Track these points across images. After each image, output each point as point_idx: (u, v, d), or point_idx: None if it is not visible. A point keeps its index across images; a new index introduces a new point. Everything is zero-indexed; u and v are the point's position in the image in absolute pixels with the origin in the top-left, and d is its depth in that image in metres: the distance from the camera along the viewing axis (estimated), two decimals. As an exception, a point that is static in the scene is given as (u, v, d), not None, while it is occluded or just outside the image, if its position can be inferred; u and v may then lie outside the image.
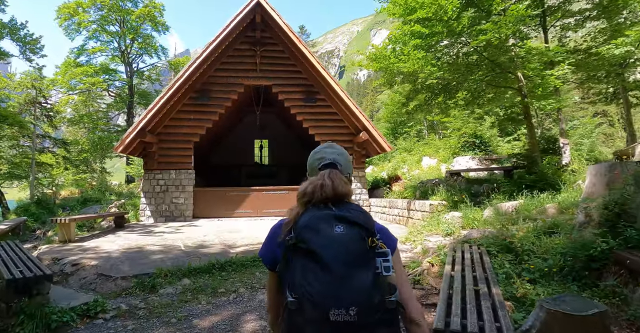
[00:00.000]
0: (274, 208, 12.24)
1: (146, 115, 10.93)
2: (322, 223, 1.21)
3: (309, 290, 1.12)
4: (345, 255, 1.15)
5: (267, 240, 1.46)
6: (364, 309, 1.11)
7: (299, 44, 11.81)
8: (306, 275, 1.14)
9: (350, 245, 1.17)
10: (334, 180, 1.36)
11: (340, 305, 1.10)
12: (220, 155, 19.25)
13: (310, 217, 1.24)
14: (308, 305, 1.11)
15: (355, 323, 1.10)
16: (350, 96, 12.49)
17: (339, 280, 1.12)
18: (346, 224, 1.21)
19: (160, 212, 11.76)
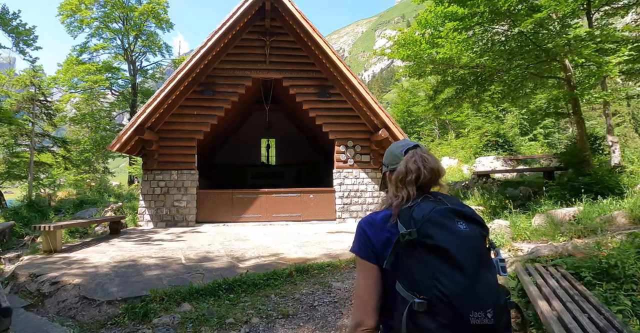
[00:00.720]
0: (285, 213, 11.20)
1: (145, 110, 9.92)
2: (443, 218, 1.15)
3: (443, 291, 1.04)
4: (474, 254, 1.10)
5: (360, 235, 1.34)
6: (498, 311, 1.06)
7: (313, 33, 10.77)
8: (435, 274, 1.07)
9: (476, 243, 1.13)
10: (430, 155, 1.36)
11: (480, 307, 1.04)
12: (225, 155, 18.26)
13: (429, 210, 1.17)
14: (443, 307, 1.04)
15: (492, 326, 1.04)
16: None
17: (474, 281, 1.06)
18: (466, 221, 1.16)
19: (160, 216, 10.74)
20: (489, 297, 1.07)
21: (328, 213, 11.45)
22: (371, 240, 1.29)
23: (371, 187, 11.76)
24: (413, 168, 1.30)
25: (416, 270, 1.10)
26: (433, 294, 1.05)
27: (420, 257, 1.11)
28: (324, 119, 11.73)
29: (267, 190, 11.30)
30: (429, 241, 1.10)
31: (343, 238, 8.56)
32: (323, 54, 11.06)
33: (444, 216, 1.15)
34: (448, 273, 1.06)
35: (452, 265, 1.07)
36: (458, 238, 1.11)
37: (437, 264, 1.08)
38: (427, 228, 1.12)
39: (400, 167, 1.35)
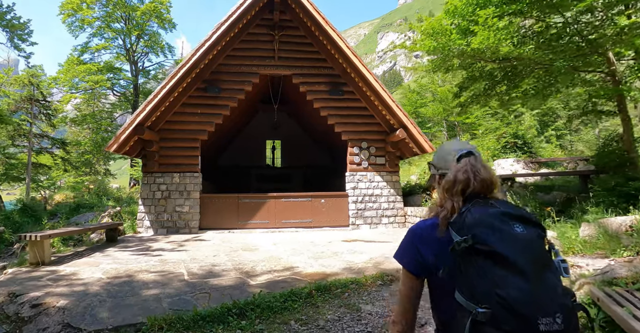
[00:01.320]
0: (295, 219, 10.43)
1: (145, 108, 9.18)
2: (498, 222, 1.10)
3: (506, 299, 0.99)
4: (534, 257, 1.05)
5: (406, 243, 1.35)
6: (567, 315, 1.00)
7: (325, 26, 10.03)
8: (495, 281, 1.02)
9: (535, 245, 1.08)
10: (483, 165, 1.29)
11: (548, 313, 0.98)
12: (229, 156, 17.51)
13: (481, 214, 1.13)
14: (507, 315, 0.99)
15: (563, 332, 0.98)
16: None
17: (537, 286, 1.01)
18: (523, 223, 1.11)
19: (161, 223, 9.99)
20: (556, 300, 1.01)
21: (340, 219, 10.68)
22: (419, 251, 1.29)
23: (387, 192, 10.99)
24: (462, 178, 1.26)
25: (475, 278, 1.05)
26: (495, 302, 1.00)
27: (477, 264, 1.06)
28: (336, 119, 10.98)
29: (276, 195, 10.54)
30: (485, 247, 1.06)
31: (361, 248, 7.78)
32: (336, 48, 10.33)
33: (498, 220, 1.11)
34: (509, 279, 1.01)
35: (513, 271, 1.02)
36: (515, 242, 1.06)
37: (496, 271, 1.03)
38: (481, 234, 1.08)
39: (449, 175, 1.31)
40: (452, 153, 1.39)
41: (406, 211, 10.97)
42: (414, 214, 10.50)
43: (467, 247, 1.08)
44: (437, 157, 1.48)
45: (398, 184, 11.19)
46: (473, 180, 1.23)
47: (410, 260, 1.31)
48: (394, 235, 9.59)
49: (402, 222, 10.99)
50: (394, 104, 10.16)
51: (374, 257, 6.81)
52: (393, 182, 11.10)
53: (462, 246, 1.08)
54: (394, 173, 11.17)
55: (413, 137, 10.32)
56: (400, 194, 11.13)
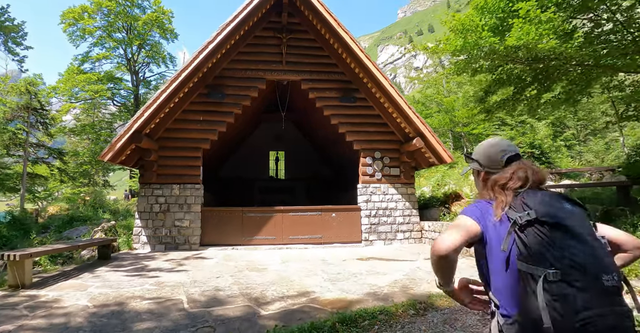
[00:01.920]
0: (304, 234, 9.65)
1: (143, 114, 8.48)
2: (554, 201, 1.34)
3: (575, 260, 1.19)
4: (588, 229, 1.28)
5: (469, 210, 1.50)
6: (618, 275, 1.21)
7: (338, 28, 9.41)
8: (562, 246, 1.21)
9: (585, 220, 1.31)
10: (537, 168, 1.49)
11: (608, 271, 1.19)
12: (231, 167, 16.75)
13: (539, 196, 1.35)
14: (577, 274, 1.17)
15: (618, 288, 1.19)
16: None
17: (596, 250, 1.22)
18: (570, 203, 1.35)
19: (159, 238, 9.21)
20: (611, 263, 1.23)
21: (353, 234, 9.90)
22: (480, 211, 1.46)
23: (402, 205, 10.23)
24: (521, 176, 1.44)
25: (540, 245, 1.23)
26: (565, 264, 1.18)
27: (542, 234, 1.24)
28: (348, 127, 10.29)
29: (283, 209, 9.77)
30: (550, 219, 1.26)
31: (381, 267, 7.00)
32: (349, 52, 9.70)
33: (554, 199, 1.34)
34: (574, 245, 1.21)
35: (576, 239, 1.23)
36: (572, 216, 1.29)
37: (562, 238, 1.23)
38: (544, 209, 1.28)
39: (504, 174, 1.48)
40: (499, 153, 1.57)
41: (423, 226, 10.20)
42: (431, 229, 9.73)
43: (530, 220, 1.27)
44: (484, 157, 1.62)
45: (414, 197, 10.44)
46: (531, 178, 1.42)
47: (474, 215, 1.45)
48: (412, 251, 8.81)
49: (418, 238, 10.22)
50: (410, 111, 9.48)
51: (399, 279, 6.03)
52: (408, 195, 10.35)
53: (524, 219, 1.28)
54: (410, 186, 10.44)
55: (431, 147, 9.62)
56: (416, 208, 10.38)
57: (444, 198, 10.77)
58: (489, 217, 1.41)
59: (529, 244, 1.24)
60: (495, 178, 1.49)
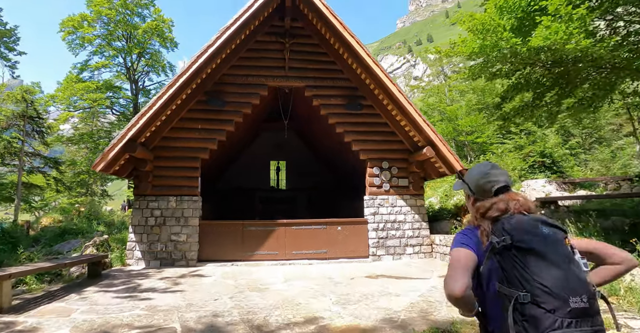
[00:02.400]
0: (308, 249, 9.10)
1: (137, 121, 7.99)
2: (530, 226, 1.41)
3: (544, 284, 1.28)
4: (562, 253, 1.36)
5: (462, 238, 1.59)
6: (590, 297, 1.29)
7: (344, 32, 8.97)
8: (534, 270, 1.31)
9: (561, 244, 1.38)
10: (522, 198, 1.57)
11: (576, 294, 1.27)
12: (230, 177, 16.16)
13: (516, 220, 1.44)
14: (546, 296, 1.27)
15: (587, 310, 1.27)
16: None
17: (567, 274, 1.31)
18: (548, 226, 1.42)
19: (154, 254, 8.66)
20: (581, 286, 1.30)
21: (359, 249, 9.36)
22: (471, 239, 1.55)
23: (411, 217, 9.71)
24: (501, 207, 1.52)
25: (515, 269, 1.34)
26: (535, 287, 1.29)
27: (516, 258, 1.36)
28: (354, 136, 9.80)
29: (286, 222, 9.23)
30: (523, 245, 1.36)
31: (394, 287, 6.45)
32: (355, 57, 9.26)
33: (530, 224, 1.42)
34: (545, 269, 1.31)
35: (547, 263, 1.32)
36: (546, 240, 1.37)
37: (533, 263, 1.33)
38: (519, 235, 1.38)
39: (485, 203, 1.57)
40: (489, 184, 1.65)
41: (433, 239, 9.66)
42: (443, 243, 9.19)
43: (506, 245, 1.38)
44: (474, 185, 1.70)
45: (423, 209, 9.92)
46: (512, 209, 1.51)
47: (467, 244, 1.55)
48: (423, 268, 8.26)
49: (428, 252, 9.67)
50: (420, 119, 9.00)
51: (416, 302, 5.48)
52: (418, 207, 9.83)
53: (500, 245, 1.39)
54: (419, 197, 9.92)
55: (442, 156, 9.12)
56: (425, 220, 9.84)
57: (455, 210, 10.24)
58: (478, 243, 1.52)
59: (505, 267, 1.37)
60: (477, 206, 1.60)
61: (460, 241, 1.57)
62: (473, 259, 1.49)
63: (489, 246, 1.43)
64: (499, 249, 1.39)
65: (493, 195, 1.61)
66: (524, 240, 1.36)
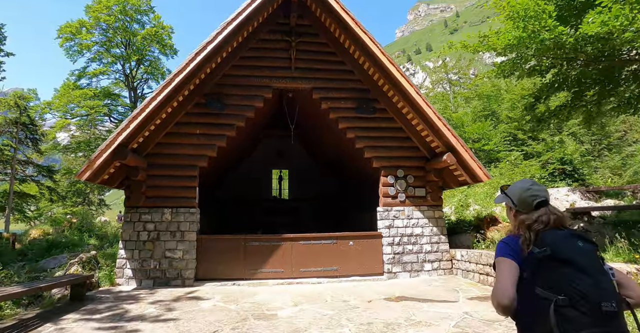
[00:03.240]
0: (317, 266, 8.24)
1: (128, 125, 7.18)
2: (567, 239, 1.64)
3: (579, 289, 1.48)
4: (593, 263, 1.57)
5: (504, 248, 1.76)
6: (618, 302, 1.50)
7: (355, 28, 8.23)
8: (570, 278, 1.52)
9: (593, 256, 1.60)
10: (560, 213, 1.78)
11: (607, 299, 1.47)
12: (230, 187, 15.25)
13: (556, 235, 1.66)
14: (581, 300, 1.47)
15: (616, 313, 1.47)
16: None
17: (598, 281, 1.51)
18: (583, 240, 1.64)
19: (146, 272, 7.81)
20: (610, 292, 1.51)
21: (373, 265, 8.51)
22: (514, 249, 1.72)
23: (428, 231, 8.87)
24: (544, 220, 1.72)
25: (554, 276, 1.55)
26: (571, 292, 1.49)
27: (554, 267, 1.56)
28: (366, 141, 9.01)
29: (292, 236, 8.38)
30: (562, 256, 1.57)
31: (419, 313, 5.58)
32: (367, 55, 8.50)
33: (567, 237, 1.64)
34: (579, 276, 1.51)
35: (581, 271, 1.52)
36: (580, 252, 1.58)
37: (569, 271, 1.53)
38: (558, 247, 1.59)
39: (531, 216, 1.76)
40: (531, 198, 1.83)
41: (454, 254, 8.81)
42: (466, 259, 8.34)
43: (546, 255, 1.58)
44: (517, 199, 1.89)
45: (442, 221, 9.09)
46: (552, 222, 1.72)
47: (510, 255, 1.71)
48: (446, 287, 7.40)
49: (448, 268, 8.82)
50: (440, 122, 8.20)
51: (452, 336, 4.63)
52: (436, 219, 9.00)
53: (541, 255, 1.59)
54: (437, 208, 9.09)
55: (464, 163, 8.32)
56: (444, 233, 9.01)
57: (476, 222, 9.40)
58: (519, 251, 1.70)
59: (545, 275, 1.57)
60: (523, 219, 1.79)
61: (504, 251, 1.74)
62: (516, 268, 1.66)
63: (530, 255, 1.63)
64: (540, 258, 1.59)
65: (534, 208, 1.80)
66: (562, 251, 1.57)
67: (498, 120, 29.13)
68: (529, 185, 1.87)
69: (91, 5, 30.06)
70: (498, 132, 25.86)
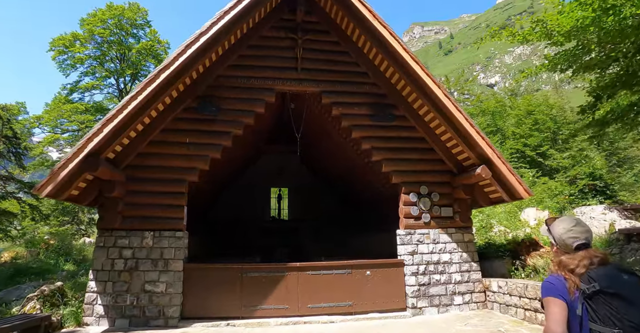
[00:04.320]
0: (328, 301, 6.85)
1: (102, 129, 5.87)
2: (614, 273, 1.72)
3: (633, 321, 1.58)
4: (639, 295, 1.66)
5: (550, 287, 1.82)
6: None
7: (373, 21, 7.08)
8: (621, 311, 1.61)
9: (638, 288, 1.68)
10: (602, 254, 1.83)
11: None
12: (223, 206, 13.79)
13: (601, 270, 1.73)
14: (635, 332, 1.58)
15: None
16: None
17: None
18: (627, 273, 1.74)
19: (121, 309, 6.40)
20: None
21: (394, 299, 7.14)
22: (559, 290, 1.77)
23: (457, 257, 7.56)
24: (586, 264, 1.77)
25: (605, 311, 1.62)
26: (625, 325, 1.57)
27: (605, 301, 1.64)
28: (384, 153, 7.77)
29: (299, 265, 6.99)
30: (610, 290, 1.64)
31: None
32: (386, 52, 7.35)
33: (613, 273, 1.72)
34: (630, 309, 1.60)
35: (630, 304, 1.61)
36: (628, 285, 1.66)
37: (620, 304, 1.61)
38: (605, 282, 1.66)
39: (574, 260, 1.82)
40: (571, 239, 1.92)
41: (488, 285, 7.48)
42: (505, 291, 6.99)
43: (595, 291, 1.65)
44: (558, 239, 1.98)
45: (472, 246, 7.79)
46: (595, 263, 1.77)
47: (559, 295, 1.75)
48: (486, 326, 6.05)
49: (481, 301, 7.47)
50: (473, 130, 6.99)
51: None
52: (466, 243, 7.70)
53: (590, 291, 1.66)
54: (466, 230, 7.81)
55: (501, 178, 7.07)
56: (476, 260, 7.70)
57: (512, 246, 8.08)
58: (566, 291, 1.74)
59: (596, 309, 1.65)
60: (565, 262, 1.84)
61: (552, 291, 1.78)
62: (566, 308, 1.71)
63: (578, 293, 1.71)
64: (589, 294, 1.67)
65: (574, 249, 1.89)
66: (610, 286, 1.65)
67: (504, 136, 28.29)
68: (571, 226, 1.95)
69: (86, 18, 29.38)
70: (505, 149, 24.84)
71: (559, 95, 41.02)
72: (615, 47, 4.67)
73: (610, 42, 4.48)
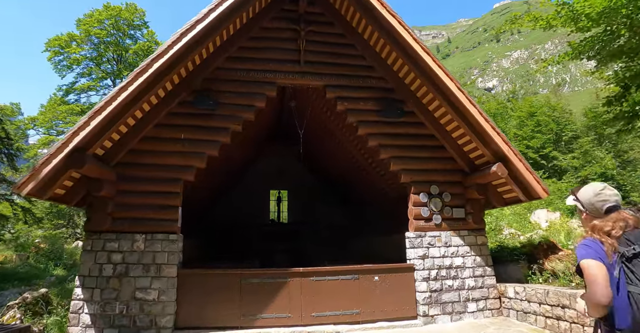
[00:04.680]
0: (333, 309, 6.36)
1: (88, 122, 5.38)
2: None
3: None
4: None
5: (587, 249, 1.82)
6: None
7: (382, 10, 6.65)
8: None
9: None
10: (634, 217, 1.86)
11: None
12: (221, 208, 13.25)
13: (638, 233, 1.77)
14: None
15: None
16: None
17: None
18: None
19: (109, 319, 5.90)
20: None
21: (404, 307, 6.68)
22: (597, 252, 1.77)
23: (471, 261, 7.10)
24: (622, 226, 1.79)
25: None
26: None
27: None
28: (392, 151, 7.32)
29: (302, 270, 6.50)
30: None
31: None
32: (395, 43, 6.90)
33: None
34: None
35: None
36: None
37: None
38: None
39: (608, 222, 1.84)
40: (600, 203, 1.93)
41: (503, 291, 7.01)
42: (523, 297, 6.53)
43: (635, 253, 1.67)
44: (587, 202, 1.99)
45: (486, 249, 7.33)
46: (631, 225, 1.80)
47: (597, 257, 1.76)
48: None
49: (496, 308, 7.01)
50: (488, 125, 6.54)
51: None
52: (479, 246, 7.24)
53: (631, 253, 1.68)
54: (480, 233, 7.35)
55: (518, 177, 6.63)
56: (490, 264, 7.24)
57: (528, 249, 7.63)
58: (604, 254, 1.75)
59: (635, 271, 1.65)
60: (599, 225, 1.84)
61: (590, 254, 1.77)
62: (606, 271, 1.71)
63: (616, 256, 1.71)
64: (630, 257, 1.68)
65: (604, 213, 1.90)
66: None
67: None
68: (599, 190, 1.95)
69: (82, 19, 28.98)
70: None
71: (558, 98, 40.78)
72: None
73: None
